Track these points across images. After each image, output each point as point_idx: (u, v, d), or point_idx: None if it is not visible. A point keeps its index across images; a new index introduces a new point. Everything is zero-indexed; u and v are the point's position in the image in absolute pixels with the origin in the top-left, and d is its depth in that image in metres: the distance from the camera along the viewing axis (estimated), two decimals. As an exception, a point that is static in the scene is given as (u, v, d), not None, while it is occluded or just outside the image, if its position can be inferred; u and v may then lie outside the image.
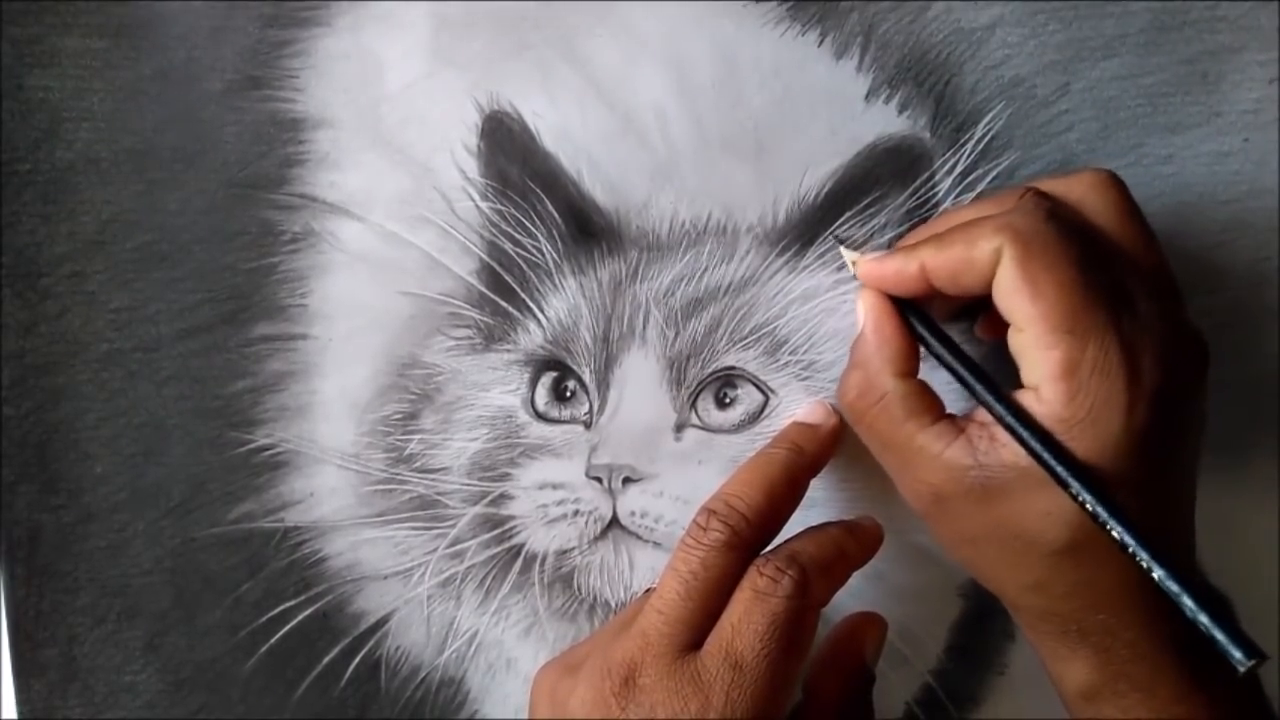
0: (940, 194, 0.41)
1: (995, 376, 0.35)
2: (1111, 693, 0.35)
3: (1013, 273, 0.33)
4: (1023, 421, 0.33)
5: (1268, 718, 0.36)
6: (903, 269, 0.36)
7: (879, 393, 0.36)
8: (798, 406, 0.41)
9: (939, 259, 0.35)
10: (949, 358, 0.36)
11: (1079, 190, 0.35)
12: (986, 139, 0.41)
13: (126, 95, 0.41)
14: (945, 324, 0.39)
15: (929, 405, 0.36)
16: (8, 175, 0.41)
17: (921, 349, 0.37)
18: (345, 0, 0.41)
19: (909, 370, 0.36)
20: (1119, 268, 0.34)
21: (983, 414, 0.35)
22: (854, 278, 0.38)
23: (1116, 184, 0.35)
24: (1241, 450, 0.43)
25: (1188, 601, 0.31)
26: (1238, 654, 0.30)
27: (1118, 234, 0.35)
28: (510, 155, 0.41)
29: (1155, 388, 0.32)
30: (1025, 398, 0.33)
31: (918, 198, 0.41)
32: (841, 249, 0.39)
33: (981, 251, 0.33)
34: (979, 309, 0.39)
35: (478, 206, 0.42)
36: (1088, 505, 0.32)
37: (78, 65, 0.41)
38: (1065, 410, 0.32)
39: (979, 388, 0.34)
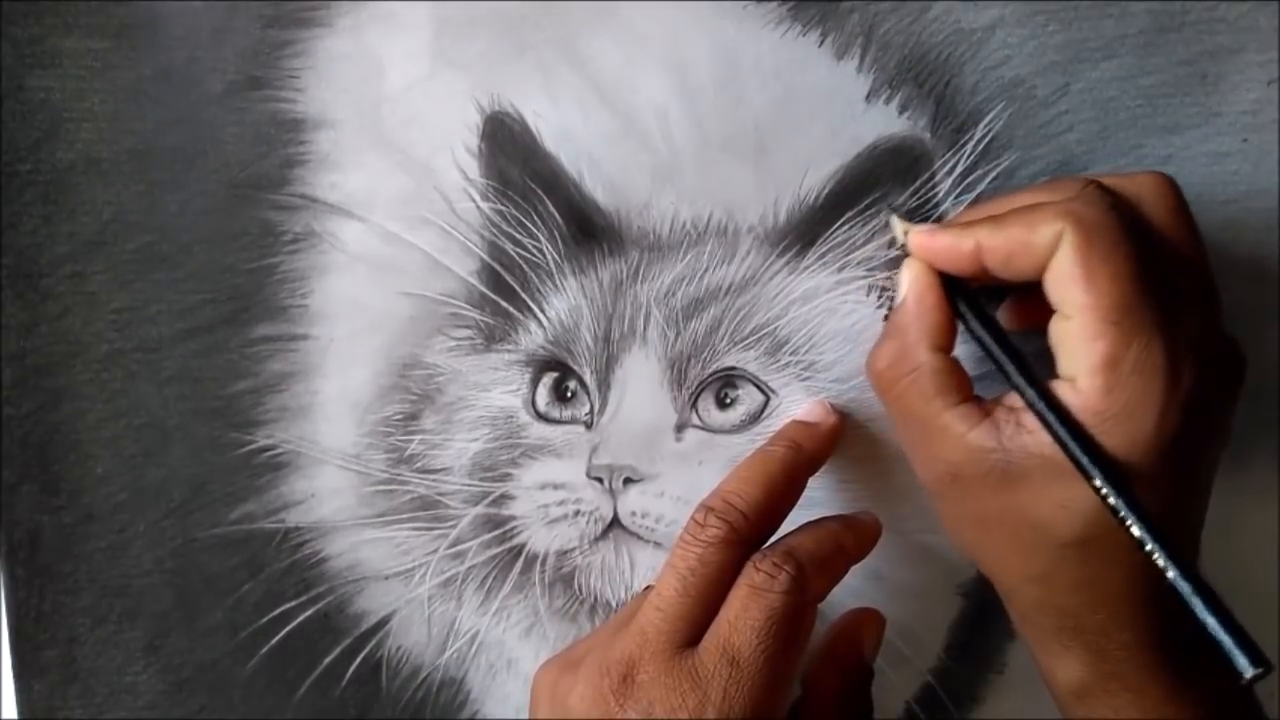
0: (940, 194, 0.42)
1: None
2: (1103, 691, 0.36)
3: (1070, 259, 0.33)
4: (1054, 410, 0.34)
5: (1258, 718, 0.38)
6: (956, 245, 0.36)
7: (912, 364, 0.36)
8: (798, 407, 0.42)
9: (996, 239, 0.35)
10: (988, 339, 0.36)
11: (1137, 189, 0.36)
12: (987, 139, 0.42)
13: (127, 96, 0.42)
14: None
15: (959, 384, 0.36)
16: (8, 176, 0.42)
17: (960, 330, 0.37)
18: (346, 1, 0.42)
19: (945, 346, 0.37)
20: (1172, 270, 0.35)
21: (1011, 398, 0.35)
22: (901, 249, 0.38)
23: (1173, 188, 0.36)
24: (1241, 450, 0.43)
25: (1199, 604, 0.32)
26: (1243, 661, 0.31)
27: (1172, 237, 0.35)
28: (511, 156, 0.43)
29: (1191, 394, 0.33)
30: (1060, 388, 0.34)
31: (918, 198, 0.42)
32: (893, 218, 0.39)
33: (1041, 235, 0.34)
34: (1004, 295, 0.40)
35: (479, 207, 0.43)
36: (1109, 499, 0.33)
37: (78, 66, 0.42)
38: (1100, 403, 0.33)
39: (1014, 372, 0.35)
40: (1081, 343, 0.34)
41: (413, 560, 0.45)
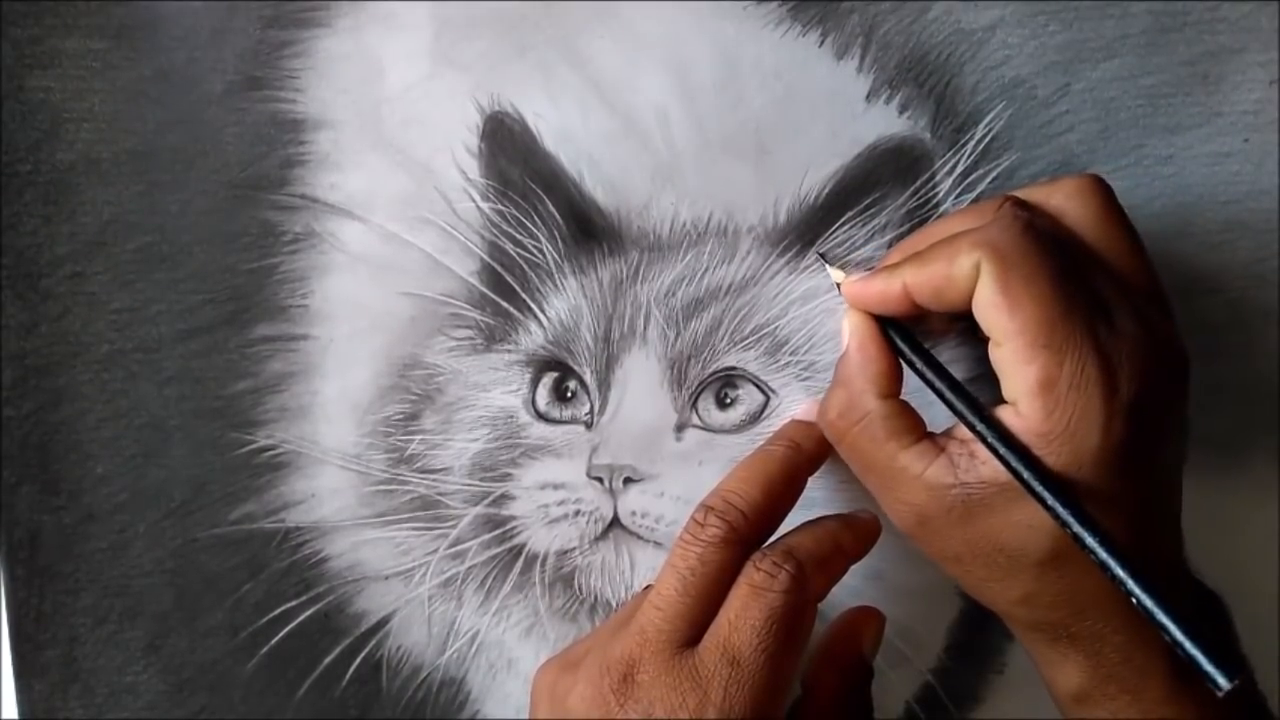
0: (941, 194, 0.43)
1: (985, 389, 0.36)
2: (1101, 695, 0.36)
3: (990, 288, 0.34)
4: (1001, 438, 0.34)
5: (1262, 715, 0.38)
6: (886, 290, 0.37)
7: (860, 413, 0.37)
8: (798, 407, 0.43)
9: (920, 277, 0.36)
10: (930, 375, 0.37)
11: (1059, 198, 0.36)
12: (987, 140, 0.43)
13: (127, 96, 0.43)
14: (949, 326, 0.41)
15: (911, 425, 0.37)
16: (8, 176, 0.43)
17: (905, 367, 0.38)
18: (346, 1, 0.43)
19: (892, 391, 0.37)
20: (1098, 278, 0.35)
21: (963, 431, 0.36)
22: (838, 293, 0.39)
23: (1100, 190, 0.37)
24: (1241, 450, 0.44)
25: (1163, 619, 0.32)
26: (1217, 675, 0.31)
27: (1099, 241, 0.36)
28: (511, 156, 0.43)
29: (1133, 400, 0.34)
30: (1005, 413, 0.35)
31: (918, 198, 0.43)
32: (828, 269, 0.41)
33: (960, 268, 0.35)
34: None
35: (479, 207, 0.43)
36: (1068, 525, 0.33)
37: (78, 66, 0.42)
38: (1043, 425, 0.34)
39: (958, 404, 0.36)
40: (1016, 367, 0.34)
41: (413, 560, 0.45)
